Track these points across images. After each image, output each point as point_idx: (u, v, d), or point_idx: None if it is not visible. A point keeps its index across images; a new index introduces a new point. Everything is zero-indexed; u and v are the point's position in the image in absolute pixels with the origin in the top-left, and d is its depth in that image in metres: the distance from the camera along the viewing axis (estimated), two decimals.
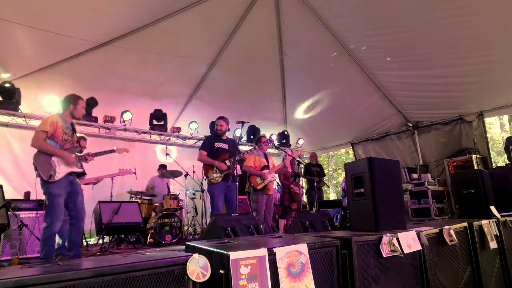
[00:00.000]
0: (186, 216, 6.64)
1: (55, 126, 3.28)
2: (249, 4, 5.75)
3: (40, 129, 3.22)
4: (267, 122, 8.46)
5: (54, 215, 3.12)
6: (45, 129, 3.22)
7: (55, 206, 3.14)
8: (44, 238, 3.12)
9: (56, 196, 3.16)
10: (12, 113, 5.57)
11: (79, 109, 3.54)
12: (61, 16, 4.80)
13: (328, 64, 6.59)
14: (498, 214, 2.93)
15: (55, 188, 3.17)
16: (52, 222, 3.11)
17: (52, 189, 3.16)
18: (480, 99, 6.11)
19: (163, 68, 6.45)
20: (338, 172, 22.22)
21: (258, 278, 1.22)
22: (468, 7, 4.48)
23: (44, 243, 3.11)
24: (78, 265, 1.08)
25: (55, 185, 3.18)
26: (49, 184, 3.15)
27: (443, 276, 2.06)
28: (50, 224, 3.11)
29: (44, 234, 3.13)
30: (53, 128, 3.27)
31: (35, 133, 3.22)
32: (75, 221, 3.36)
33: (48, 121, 3.27)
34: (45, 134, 3.22)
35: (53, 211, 3.13)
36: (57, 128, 3.29)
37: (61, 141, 3.34)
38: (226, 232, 2.40)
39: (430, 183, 6.40)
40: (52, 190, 3.15)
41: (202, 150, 4.41)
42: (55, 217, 3.12)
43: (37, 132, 3.21)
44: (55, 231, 3.15)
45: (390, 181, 2.09)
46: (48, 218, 3.13)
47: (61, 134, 3.33)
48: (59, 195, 3.19)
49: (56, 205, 3.15)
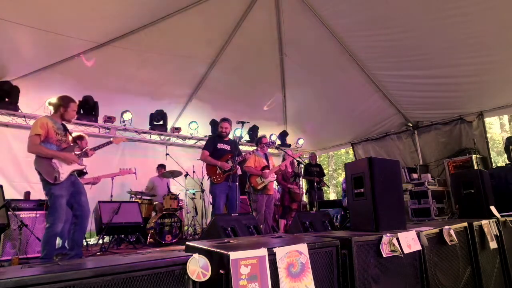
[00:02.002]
0: (186, 216, 6.64)
1: (45, 127, 3.23)
2: (249, 4, 5.75)
3: (33, 133, 3.16)
4: (267, 122, 8.45)
5: (56, 215, 3.12)
6: (37, 132, 3.17)
7: (57, 207, 3.14)
8: (45, 239, 3.12)
9: (58, 197, 3.16)
10: (12, 113, 5.57)
11: (69, 111, 3.45)
12: (61, 16, 4.80)
13: (328, 64, 6.59)
14: (498, 214, 2.94)
15: (57, 189, 3.17)
16: (54, 222, 3.11)
17: (54, 190, 3.15)
18: (480, 99, 6.10)
19: (163, 68, 6.45)
20: (338, 172, 22.21)
21: (258, 278, 1.22)
22: (468, 7, 4.48)
23: (46, 243, 3.12)
24: (78, 265, 1.08)
25: (58, 187, 3.18)
26: (52, 185, 3.14)
27: (443, 276, 2.06)
28: (52, 225, 3.11)
29: (46, 235, 3.13)
30: (44, 130, 3.21)
31: (29, 139, 3.16)
32: (79, 221, 3.36)
33: (38, 124, 3.21)
34: (38, 137, 3.17)
35: (55, 212, 3.13)
36: (48, 129, 3.24)
37: (56, 142, 3.29)
38: (226, 232, 2.40)
39: (430, 183, 6.39)
40: (55, 191, 3.15)
41: (205, 150, 4.44)
42: (57, 218, 3.12)
43: (31, 137, 3.16)
44: (57, 231, 3.15)
45: (390, 181, 2.09)
46: (50, 218, 3.14)
47: (53, 134, 3.29)
48: (61, 196, 3.19)
49: (58, 206, 3.15)
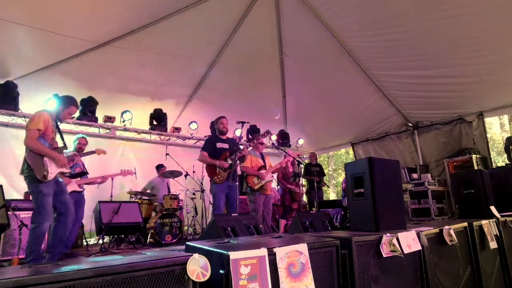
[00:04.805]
0: (186, 216, 6.63)
1: (47, 124, 3.19)
2: (249, 4, 5.75)
3: (34, 127, 3.10)
4: (267, 122, 8.45)
5: (44, 214, 3.07)
6: (38, 127, 3.11)
7: (46, 206, 3.09)
8: (33, 239, 3.03)
9: (46, 195, 3.11)
10: (12, 113, 5.57)
11: (66, 113, 3.43)
12: (61, 16, 4.80)
13: (328, 64, 6.59)
14: (498, 214, 2.93)
15: (45, 188, 3.11)
16: (43, 221, 3.05)
17: (43, 188, 3.09)
18: (480, 99, 6.10)
19: (163, 68, 6.45)
20: (338, 172, 22.22)
21: (258, 278, 1.22)
22: (468, 7, 4.48)
23: (34, 243, 3.03)
24: (78, 265, 1.08)
25: (46, 185, 3.12)
26: (40, 183, 3.08)
27: (443, 276, 2.06)
28: (40, 224, 3.04)
29: (33, 234, 3.03)
30: (45, 126, 3.17)
31: (28, 132, 3.09)
32: (62, 219, 3.31)
33: (41, 119, 3.15)
34: (38, 132, 3.12)
35: (43, 210, 3.07)
36: (48, 126, 3.20)
37: (50, 140, 3.25)
38: (226, 232, 2.39)
39: (430, 183, 6.39)
40: (43, 189, 3.09)
41: (204, 151, 4.41)
42: (45, 216, 3.07)
43: (30, 131, 3.09)
44: (44, 230, 3.09)
45: (390, 181, 2.09)
46: (39, 217, 3.05)
47: (50, 132, 3.25)
48: (49, 194, 3.14)
49: (46, 204, 3.10)
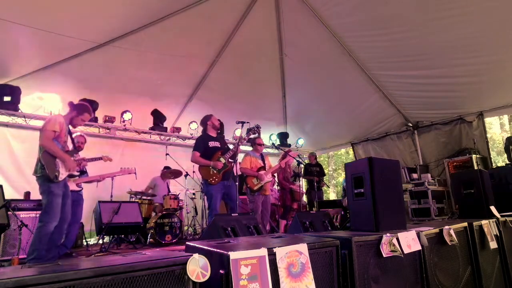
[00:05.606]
0: (186, 216, 6.64)
1: (62, 127, 3.31)
2: (249, 4, 5.75)
3: (50, 129, 3.22)
4: (267, 122, 8.45)
5: (52, 214, 3.13)
6: (55, 129, 3.24)
7: (54, 205, 3.15)
8: (38, 237, 3.06)
9: (57, 195, 3.19)
10: (12, 113, 5.57)
11: (79, 120, 3.55)
12: (61, 16, 4.80)
13: (328, 64, 6.59)
14: (498, 214, 2.94)
15: (56, 188, 3.20)
16: (50, 221, 3.10)
17: (54, 188, 3.18)
18: (480, 99, 6.10)
19: (163, 68, 6.45)
20: (338, 172, 22.21)
21: (259, 278, 1.22)
22: (468, 7, 4.48)
23: (38, 242, 3.05)
24: (78, 265, 1.08)
25: (57, 185, 3.21)
26: (52, 183, 3.17)
27: (443, 276, 2.06)
28: (46, 223, 3.09)
29: (38, 233, 3.07)
30: (60, 129, 3.29)
31: (44, 132, 3.20)
32: (59, 224, 3.31)
33: (57, 121, 3.29)
34: (54, 134, 3.23)
35: (52, 210, 3.13)
36: (62, 129, 3.32)
37: (63, 143, 3.37)
38: (226, 232, 2.39)
39: (430, 183, 6.39)
40: (54, 190, 3.18)
41: (196, 151, 4.23)
42: (53, 216, 3.13)
43: (47, 131, 3.20)
44: (50, 230, 3.12)
45: (390, 181, 2.09)
46: (46, 216, 3.12)
47: (63, 136, 3.37)
48: (58, 195, 3.22)
49: (55, 204, 3.16)
